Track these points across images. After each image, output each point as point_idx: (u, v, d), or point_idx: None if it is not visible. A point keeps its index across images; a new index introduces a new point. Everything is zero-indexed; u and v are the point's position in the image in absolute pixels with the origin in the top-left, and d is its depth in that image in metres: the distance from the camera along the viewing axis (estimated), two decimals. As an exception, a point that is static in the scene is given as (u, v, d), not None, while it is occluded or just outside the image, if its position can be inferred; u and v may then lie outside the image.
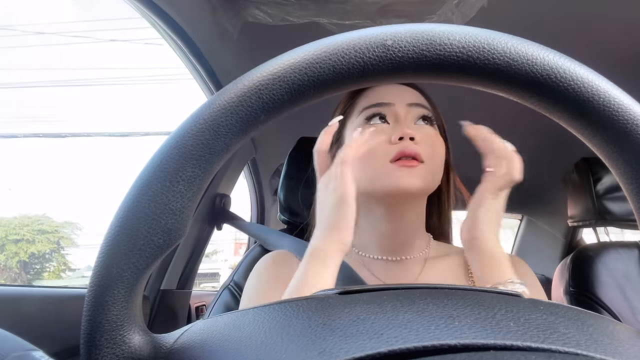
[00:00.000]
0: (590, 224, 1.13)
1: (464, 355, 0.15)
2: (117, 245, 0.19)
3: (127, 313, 0.20)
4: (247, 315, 0.20)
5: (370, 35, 0.20)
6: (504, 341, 0.16)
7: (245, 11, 0.71)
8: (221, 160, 0.20)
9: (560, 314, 0.19)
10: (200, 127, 0.20)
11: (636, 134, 0.20)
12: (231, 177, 1.08)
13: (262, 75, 0.20)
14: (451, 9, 0.69)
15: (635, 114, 0.20)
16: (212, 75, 0.86)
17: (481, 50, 0.19)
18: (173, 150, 0.20)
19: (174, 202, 0.20)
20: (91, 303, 0.20)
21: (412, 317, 0.17)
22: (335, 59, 0.20)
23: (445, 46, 0.19)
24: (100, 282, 0.20)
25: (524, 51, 0.19)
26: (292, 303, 0.21)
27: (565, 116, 0.20)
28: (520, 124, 1.12)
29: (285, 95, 0.20)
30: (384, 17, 0.72)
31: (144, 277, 0.20)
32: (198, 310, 1.21)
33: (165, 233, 0.20)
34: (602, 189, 1.09)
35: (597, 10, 0.77)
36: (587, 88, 0.19)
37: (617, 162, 0.21)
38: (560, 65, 0.19)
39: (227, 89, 0.20)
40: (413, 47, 0.19)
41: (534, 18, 0.78)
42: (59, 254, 5.63)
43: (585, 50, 0.86)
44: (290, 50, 0.21)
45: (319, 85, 0.20)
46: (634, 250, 1.08)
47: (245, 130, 0.20)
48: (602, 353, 0.16)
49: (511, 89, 0.20)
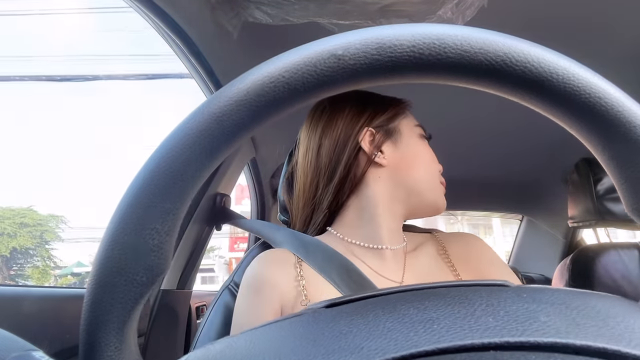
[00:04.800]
0: (590, 224, 1.13)
1: (464, 355, 0.15)
2: (101, 288, 0.19)
3: (121, 354, 0.20)
4: (240, 340, 0.20)
5: (320, 47, 0.20)
6: (481, 340, 0.16)
7: (245, 11, 0.71)
8: (194, 187, 0.20)
9: (544, 300, 0.19)
10: (167, 158, 0.20)
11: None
12: (231, 177, 1.08)
13: (221, 102, 0.20)
14: (451, 9, 0.69)
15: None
16: (211, 75, 0.86)
17: (431, 46, 0.19)
18: (142, 187, 0.20)
19: (151, 239, 0.20)
20: (84, 348, 0.20)
21: (393, 326, 0.17)
22: (288, 76, 0.20)
23: (396, 47, 0.19)
24: (90, 326, 0.20)
25: (474, 41, 0.19)
26: (284, 322, 0.21)
27: (520, 95, 0.20)
28: (521, 125, 1.12)
29: (246, 119, 0.20)
30: (384, 17, 0.72)
31: (134, 315, 0.20)
32: (198, 310, 1.21)
33: (147, 270, 0.20)
34: (603, 190, 1.09)
35: (597, 10, 0.77)
36: (544, 68, 0.19)
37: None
38: (514, 49, 0.19)
39: (188, 120, 0.20)
40: (364, 53, 0.19)
41: (534, 18, 0.78)
42: (43, 248, 5.55)
43: (586, 50, 0.86)
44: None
45: (277, 103, 0.20)
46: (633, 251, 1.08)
47: (210, 157, 0.20)
48: (583, 338, 0.16)
49: (469, 79, 0.20)
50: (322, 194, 0.58)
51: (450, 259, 0.58)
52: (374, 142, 0.58)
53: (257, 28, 0.73)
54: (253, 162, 1.20)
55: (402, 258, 0.58)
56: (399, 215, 0.58)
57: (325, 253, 0.55)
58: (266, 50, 0.61)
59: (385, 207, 0.57)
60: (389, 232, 0.57)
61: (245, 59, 0.84)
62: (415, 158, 0.59)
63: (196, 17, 0.74)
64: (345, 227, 0.58)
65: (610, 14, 0.78)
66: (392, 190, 0.57)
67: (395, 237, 0.58)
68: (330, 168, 0.58)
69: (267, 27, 0.72)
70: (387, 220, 0.57)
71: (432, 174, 0.59)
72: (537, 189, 1.51)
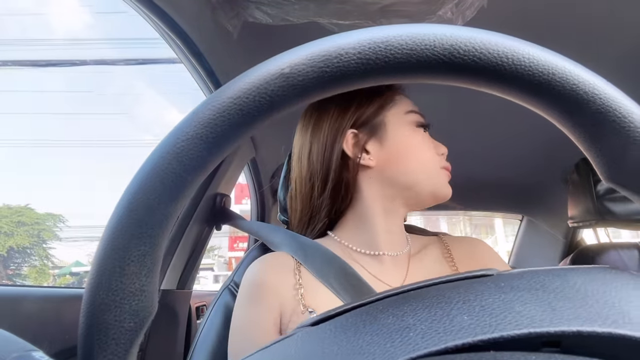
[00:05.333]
0: (590, 224, 1.13)
1: (464, 355, 0.15)
2: (90, 339, 0.19)
3: None
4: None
5: (268, 68, 0.20)
6: (454, 342, 0.16)
7: (245, 11, 0.71)
8: (166, 228, 0.20)
9: (522, 286, 0.18)
10: (132, 205, 0.19)
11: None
12: (231, 177, 1.08)
13: (178, 138, 0.20)
14: (451, 9, 0.69)
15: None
16: (211, 75, 0.86)
17: (377, 50, 0.19)
18: (115, 233, 0.19)
19: (131, 284, 0.19)
20: None
21: (372, 339, 0.17)
22: (239, 102, 0.20)
23: (342, 57, 0.19)
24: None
25: (418, 38, 0.19)
26: (277, 345, 0.21)
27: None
28: (520, 125, 1.12)
29: (204, 152, 0.20)
30: (384, 17, 0.72)
31: (129, 357, 0.20)
32: (198, 310, 1.21)
33: (133, 316, 0.19)
34: (603, 190, 1.09)
35: (597, 10, 0.77)
36: (492, 54, 0.19)
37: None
38: (459, 40, 0.19)
39: (149, 159, 0.20)
40: (311, 67, 0.19)
41: (534, 18, 0.78)
42: (40, 247, 5.51)
43: (586, 50, 0.86)
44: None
45: (235, 129, 0.20)
46: (633, 251, 1.09)
47: (176, 195, 0.20)
48: (558, 324, 0.15)
49: (421, 76, 0.20)
50: (318, 202, 0.57)
51: (455, 263, 0.57)
52: (358, 143, 0.55)
53: (257, 28, 0.73)
54: (253, 162, 1.20)
55: (405, 262, 0.56)
56: (399, 213, 0.57)
57: (324, 256, 0.54)
58: (266, 50, 0.61)
59: (380, 208, 0.56)
60: (388, 236, 0.56)
61: (245, 59, 0.84)
62: (403, 150, 0.55)
63: (196, 17, 0.74)
64: (344, 232, 0.58)
65: (611, 14, 0.78)
66: (385, 189, 0.55)
67: (396, 240, 0.57)
68: (323, 175, 0.56)
69: (267, 27, 0.72)
70: (385, 222, 0.56)
71: (425, 162, 0.55)
72: (537, 189, 1.51)
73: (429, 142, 0.57)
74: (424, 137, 0.57)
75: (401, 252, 0.56)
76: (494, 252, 0.59)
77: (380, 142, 0.55)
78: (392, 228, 0.56)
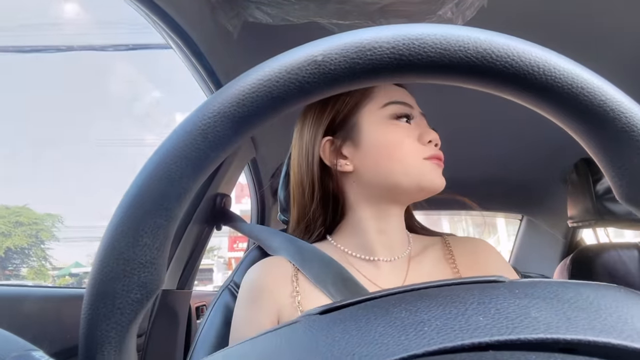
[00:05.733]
0: (590, 224, 1.13)
1: (463, 355, 0.15)
2: (95, 307, 0.19)
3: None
4: (237, 351, 0.20)
5: (300, 54, 0.20)
6: (471, 340, 0.16)
7: (245, 11, 0.71)
8: (183, 202, 0.20)
9: (536, 295, 0.19)
10: (153, 177, 0.20)
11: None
12: (231, 177, 1.08)
13: (204, 114, 0.20)
14: (451, 9, 0.69)
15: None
16: (212, 75, 0.86)
17: (411, 47, 0.19)
18: (132, 203, 0.20)
19: (142, 256, 0.20)
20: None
21: (384, 330, 0.17)
22: (270, 85, 0.20)
23: (376, 50, 0.19)
24: (88, 348, 0.20)
25: (453, 38, 0.19)
26: (280, 330, 0.21)
27: (491, 85, 0.20)
28: (520, 125, 1.12)
29: (229, 130, 0.20)
30: (384, 17, 0.72)
31: (131, 333, 0.20)
32: (198, 311, 1.21)
33: (141, 287, 0.20)
34: (602, 190, 1.09)
35: (597, 10, 0.77)
36: (524, 62, 0.19)
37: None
38: (494, 45, 0.19)
39: (173, 133, 0.20)
40: (343, 57, 0.20)
41: (534, 18, 0.78)
42: (38, 248, 5.46)
43: (586, 50, 0.86)
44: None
45: (262, 110, 0.20)
46: (633, 251, 1.09)
47: (198, 170, 0.20)
48: (574, 332, 0.16)
49: (450, 77, 0.20)
50: (311, 211, 0.57)
51: (456, 265, 0.55)
52: (335, 149, 0.54)
53: (257, 28, 0.73)
54: (253, 162, 1.20)
55: (404, 265, 0.55)
56: (391, 212, 0.55)
57: (321, 261, 0.54)
58: (266, 50, 0.61)
59: (370, 212, 0.55)
60: (384, 238, 0.55)
61: (245, 59, 0.84)
62: (378, 149, 0.52)
63: (197, 17, 0.74)
64: (341, 236, 0.57)
65: (611, 14, 0.78)
66: (369, 192, 0.54)
67: (393, 242, 0.55)
68: (309, 184, 0.56)
69: (267, 27, 0.72)
70: (378, 225, 0.55)
71: (403, 158, 0.51)
72: (537, 189, 1.51)
73: (410, 132, 0.53)
74: (404, 129, 0.53)
75: (400, 255, 0.55)
76: (498, 254, 0.58)
77: (355, 145, 0.53)
78: (387, 229, 0.55)
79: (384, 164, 0.52)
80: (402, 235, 0.57)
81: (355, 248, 0.56)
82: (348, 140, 0.54)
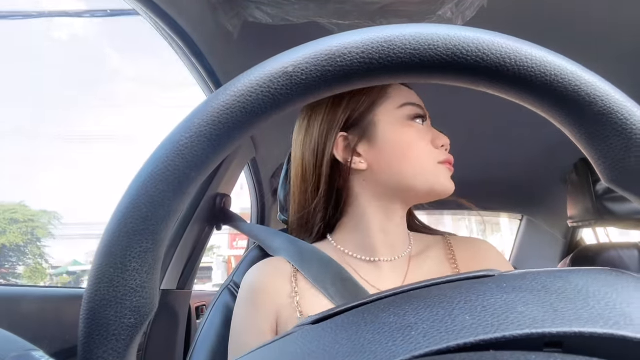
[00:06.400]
0: (590, 224, 1.13)
1: (463, 355, 0.15)
2: (91, 335, 0.19)
3: None
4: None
5: (272, 66, 0.20)
6: (456, 341, 0.16)
7: (245, 11, 0.71)
8: (168, 225, 0.20)
9: (524, 287, 0.19)
10: (135, 202, 0.19)
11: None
12: (231, 177, 1.08)
13: (181, 135, 0.20)
14: (451, 9, 0.69)
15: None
16: (212, 76, 0.86)
17: (380, 50, 0.19)
18: (117, 229, 0.19)
19: (132, 281, 0.19)
20: None
21: (373, 337, 0.17)
22: (243, 100, 0.20)
23: (346, 56, 0.19)
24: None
25: (422, 38, 0.19)
26: (277, 343, 0.21)
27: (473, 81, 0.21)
28: (520, 125, 1.12)
29: (208, 149, 0.20)
30: (384, 17, 0.72)
31: (129, 357, 0.20)
32: (198, 310, 1.21)
33: (134, 312, 0.20)
34: (602, 189, 1.09)
35: (597, 10, 0.77)
36: (495, 54, 0.19)
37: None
38: (464, 41, 0.19)
39: (152, 156, 0.20)
40: (314, 66, 0.20)
41: (534, 18, 0.78)
42: (34, 245, 5.39)
43: (586, 50, 0.86)
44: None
45: (238, 126, 0.20)
46: (633, 251, 1.09)
47: (180, 192, 0.20)
48: (560, 324, 0.15)
49: (423, 76, 0.20)
50: (312, 207, 0.56)
51: (457, 265, 0.55)
52: (348, 146, 0.54)
53: (257, 28, 0.73)
54: (253, 162, 1.20)
55: (404, 265, 0.55)
56: (397, 213, 0.55)
57: (321, 261, 0.54)
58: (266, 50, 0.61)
59: (377, 211, 0.54)
60: (386, 238, 0.55)
61: (245, 59, 0.84)
62: (395, 150, 0.52)
63: (197, 18, 0.74)
64: (341, 236, 0.57)
65: (611, 14, 0.78)
66: (380, 191, 0.54)
67: (395, 242, 0.55)
68: (315, 181, 0.55)
69: (267, 27, 0.72)
70: (382, 224, 0.55)
71: (419, 160, 0.52)
72: (537, 189, 1.51)
73: (425, 135, 0.54)
74: (419, 131, 0.53)
75: (401, 255, 0.55)
76: (499, 254, 0.57)
77: (370, 143, 0.53)
78: (390, 229, 0.55)
79: (397, 163, 0.52)
80: (403, 235, 0.57)
81: (356, 248, 0.55)
82: (364, 139, 0.54)
